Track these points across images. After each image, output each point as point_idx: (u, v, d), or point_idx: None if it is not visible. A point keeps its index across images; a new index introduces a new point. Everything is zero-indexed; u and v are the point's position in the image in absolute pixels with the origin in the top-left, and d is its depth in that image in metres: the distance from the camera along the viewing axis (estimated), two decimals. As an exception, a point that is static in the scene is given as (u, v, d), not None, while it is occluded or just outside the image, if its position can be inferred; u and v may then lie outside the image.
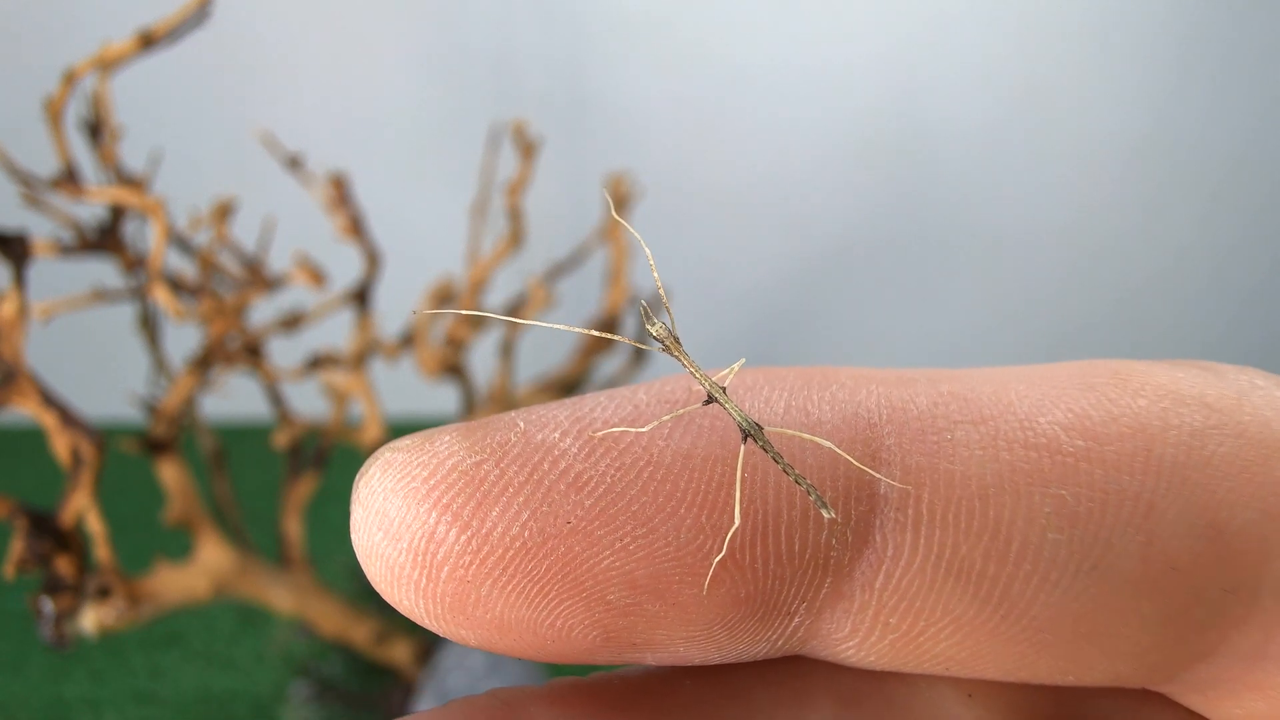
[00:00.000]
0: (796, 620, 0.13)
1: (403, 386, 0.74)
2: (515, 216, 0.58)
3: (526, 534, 0.12)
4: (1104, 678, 0.13)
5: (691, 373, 0.15)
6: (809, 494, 0.13)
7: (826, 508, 0.12)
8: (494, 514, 0.12)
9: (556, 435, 0.13)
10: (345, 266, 0.57)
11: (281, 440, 0.53)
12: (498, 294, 0.68)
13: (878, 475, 0.13)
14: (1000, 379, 0.14)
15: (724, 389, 0.14)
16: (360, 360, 0.54)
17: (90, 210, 0.43)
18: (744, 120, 0.88)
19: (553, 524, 0.12)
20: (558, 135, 0.74)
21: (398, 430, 0.72)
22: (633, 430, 0.13)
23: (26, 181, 0.39)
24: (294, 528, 0.53)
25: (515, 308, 0.62)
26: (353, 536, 0.13)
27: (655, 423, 0.13)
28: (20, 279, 0.37)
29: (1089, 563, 0.12)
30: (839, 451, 0.13)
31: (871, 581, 0.12)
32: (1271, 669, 0.12)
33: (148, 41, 0.38)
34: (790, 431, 0.13)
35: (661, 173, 0.80)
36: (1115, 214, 0.92)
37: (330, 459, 0.55)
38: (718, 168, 0.89)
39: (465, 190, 0.63)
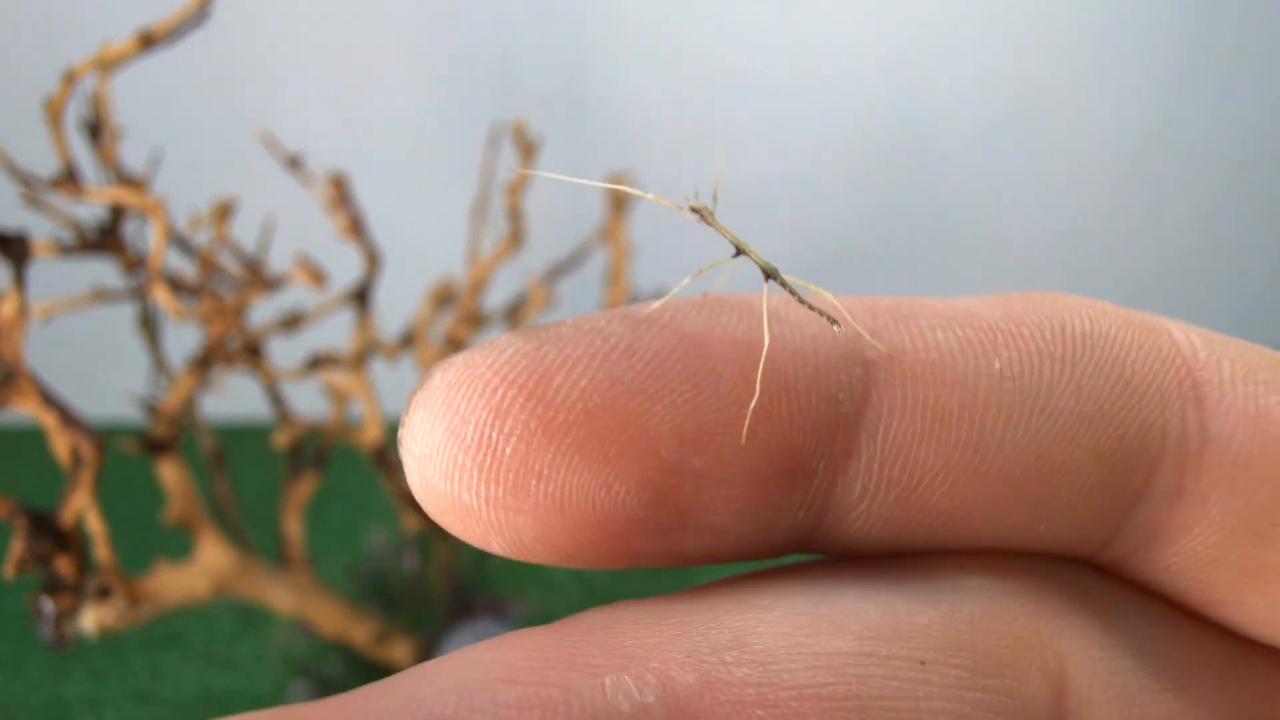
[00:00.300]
0: (817, 480, 0.14)
1: (403, 386, 0.74)
2: (515, 216, 0.58)
3: (589, 396, 0.13)
4: (1069, 526, 0.15)
5: (722, 233, 0.17)
6: (821, 316, 0.15)
7: (836, 323, 0.15)
8: (557, 382, 0.13)
9: (604, 322, 0.14)
10: (345, 266, 0.57)
11: (281, 440, 0.53)
12: (498, 294, 0.68)
13: (866, 337, 0.15)
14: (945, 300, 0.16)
15: (744, 242, 0.17)
16: (360, 360, 0.54)
17: (90, 210, 0.43)
18: (744, 120, 0.88)
19: (611, 387, 0.13)
20: (558, 135, 0.74)
21: (398, 430, 0.71)
22: (671, 306, 0.15)
23: (26, 181, 0.39)
24: (294, 528, 0.53)
25: (515, 308, 0.62)
26: (406, 446, 0.14)
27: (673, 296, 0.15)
28: (20, 279, 0.37)
29: (1038, 405, 0.14)
30: (837, 305, 0.15)
31: (874, 434, 0.14)
32: (1192, 504, 0.14)
33: (148, 41, 0.38)
34: (799, 282, 0.16)
35: (661, 173, 0.80)
36: (1115, 214, 0.92)
37: (330, 459, 0.55)
38: (718, 168, 0.89)
39: (465, 190, 0.63)
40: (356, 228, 0.53)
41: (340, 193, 0.53)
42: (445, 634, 0.58)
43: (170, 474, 0.46)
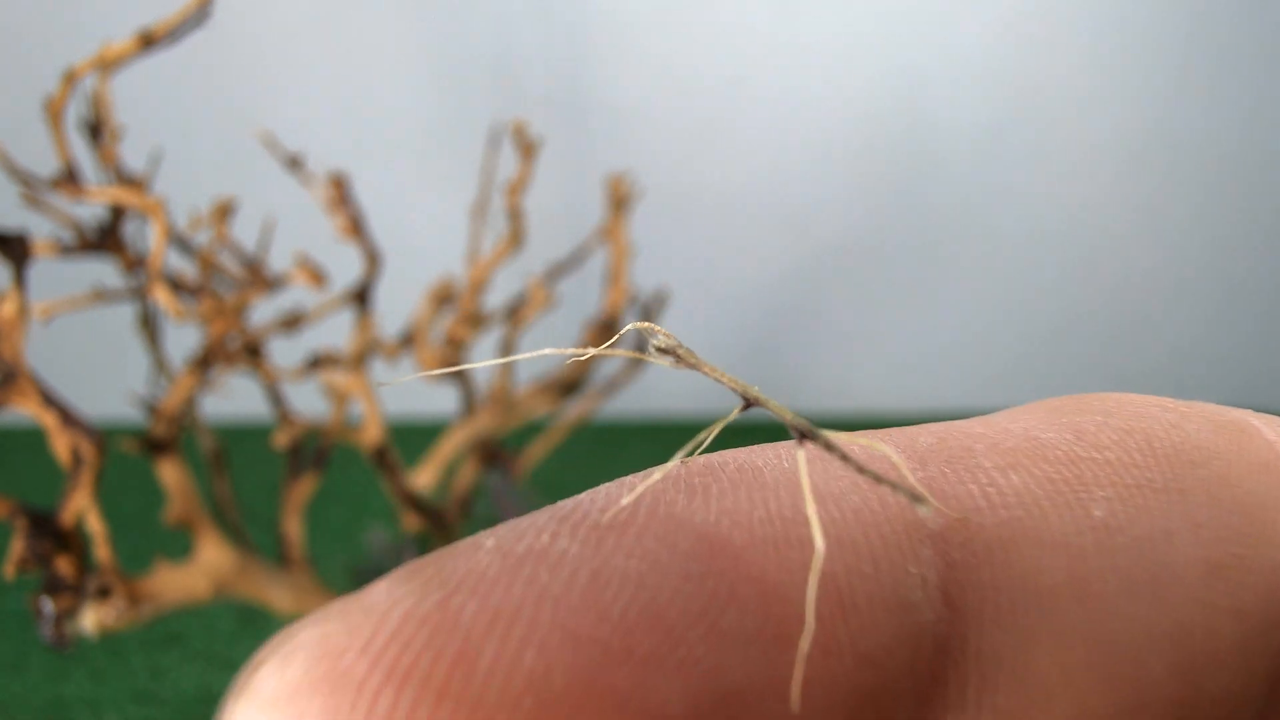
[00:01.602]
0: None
1: (403, 386, 0.74)
2: (515, 216, 0.58)
3: (544, 678, 0.08)
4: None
5: (718, 379, 0.12)
6: (895, 492, 0.10)
7: (924, 503, 0.10)
8: (486, 661, 0.08)
9: (542, 538, 0.09)
10: (345, 266, 0.57)
11: (281, 440, 0.53)
12: (498, 294, 0.69)
13: (930, 499, 0.11)
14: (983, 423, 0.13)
15: (758, 389, 0.12)
16: (360, 360, 0.54)
17: (90, 210, 0.43)
18: (744, 120, 0.88)
19: (577, 654, 0.08)
20: (558, 135, 0.74)
21: (398, 430, 0.71)
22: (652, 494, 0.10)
23: (26, 181, 0.39)
24: (294, 528, 0.53)
25: (515, 308, 0.62)
26: None
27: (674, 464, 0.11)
28: (20, 279, 0.37)
29: (1160, 559, 0.11)
30: (899, 462, 0.11)
31: (964, 646, 0.10)
32: None
33: (148, 41, 0.38)
34: (844, 434, 0.11)
35: (661, 173, 0.80)
36: (1116, 214, 0.92)
37: (330, 459, 0.55)
38: (718, 168, 0.89)
39: (465, 190, 0.63)
40: (356, 228, 0.53)
41: (340, 193, 0.53)
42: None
43: (170, 474, 0.46)
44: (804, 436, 0.11)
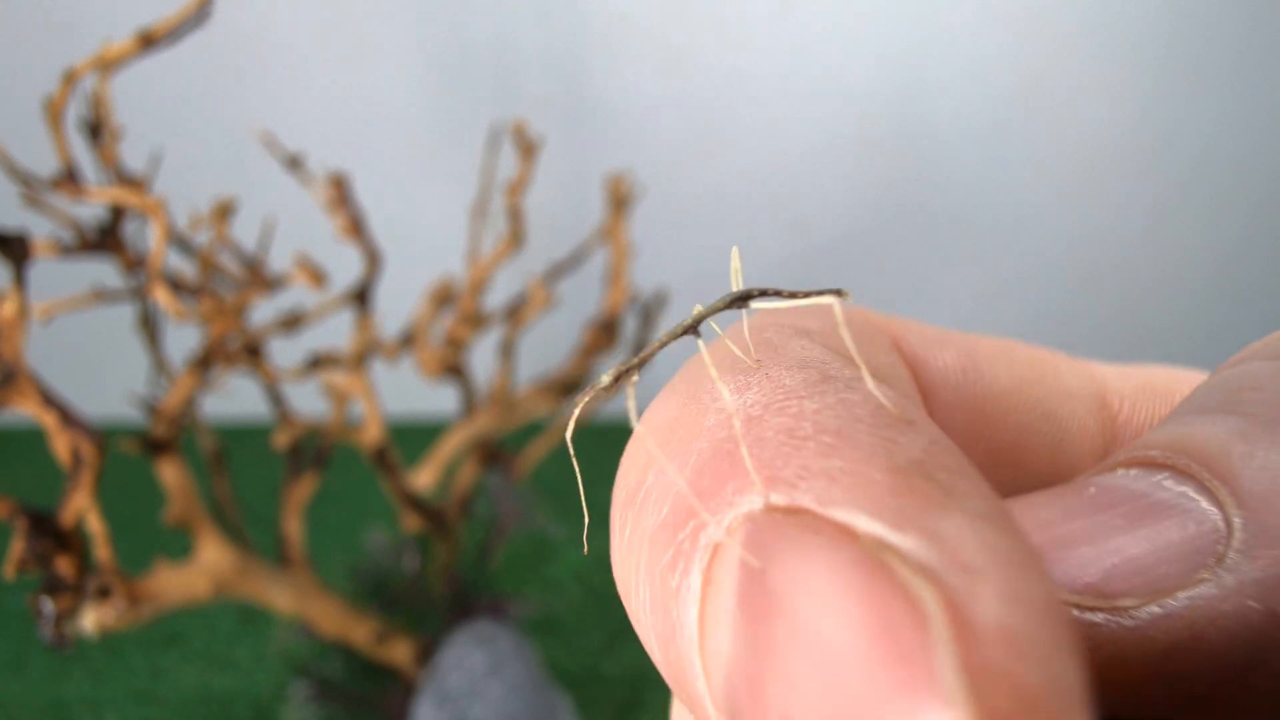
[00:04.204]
0: None
1: (403, 386, 0.74)
2: (515, 216, 0.58)
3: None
4: None
5: (664, 344, 0.13)
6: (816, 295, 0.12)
7: (843, 295, 0.12)
8: None
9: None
10: (345, 266, 0.57)
11: (281, 440, 0.53)
12: (498, 294, 0.68)
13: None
14: None
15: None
16: (360, 360, 0.54)
17: (90, 210, 0.43)
18: (744, 120, 0.88)
19: None
20: (558, 135, 0.74)
21: (398, 430, 0.71)
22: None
23: (26, 181, 0.39)
24: (294, 528, 0.53)
25: (515, 308, 0.62)
26: None
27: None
28: (20, 279, 0.37)
29: None
30: (835, 305, 0.12)
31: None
32: None
33: (148, 41, 0.38)
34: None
35: (661, 173, 0.80)
36: (1117, 212, 0.92)
37: (330, 459, 0.55)
38: (718, 167, 0.89)
39: (465, 190, 0.63)
40: (356, 228, 0.53)
41: (340, 193, 0.53)
42: (445, 634, 0.58)
43: (170, 474, 0.46)
44: (744, 299, 0.13)
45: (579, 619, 0.70)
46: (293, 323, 0.53)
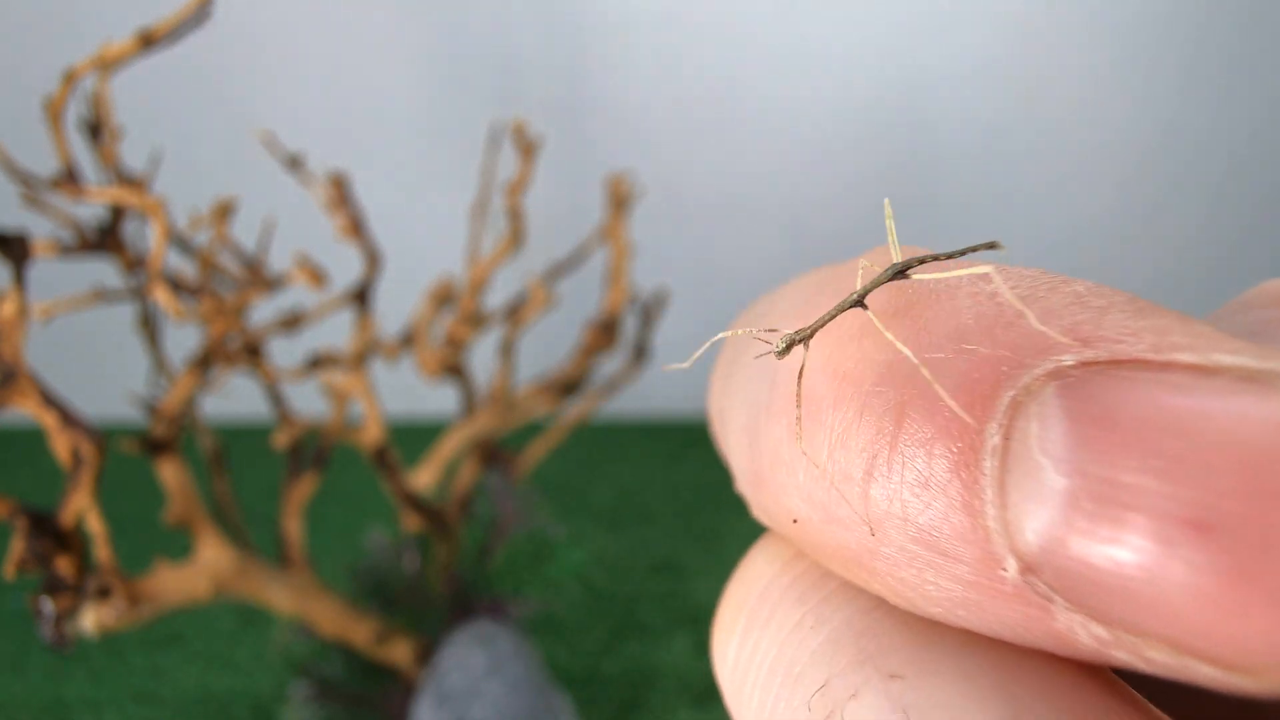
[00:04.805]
0: None
1: (403, 386, 0.74)
2: (515, 216, 0.58)
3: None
4: None
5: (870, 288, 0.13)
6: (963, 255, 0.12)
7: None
8: None
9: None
10: (345, 266, 0.57)
11: (281, 440, 0.53)
12: (498, 294, 0.68)
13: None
14: None
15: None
16: (360, 360, 0.54)
17: (90, 210, 0.43)
18: (744, 121, 0.88)
19: None
20: (558, 135, 0.74)
21: (398, 430, 0.71)
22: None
23: (26, 181, 0.39)
24: (294, 528, 0.53)
25: (515, 307, 0.62)
26: None
27: None
28: (20, 279, 0.37)
29: None
30: (994, 273, 0.11)
31: None
32: None
33: (148, 41, 0.38)
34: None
35: (661, 173, 0.80)
36: (1117, 215, 0.92)
37: (330, 459, 0.55)
38: (718, 168, 0.89)
39: (465, 190, 0.63)
40: (356, 228, 0.53)
41: (340, 193, 0.53)
42: (445, 634, 0.58)
43: (170, 474, 0.46)
44: (904, 271, 0.13)
45: (579, 619, 0.70)
46: (293, 323, 0.53)
